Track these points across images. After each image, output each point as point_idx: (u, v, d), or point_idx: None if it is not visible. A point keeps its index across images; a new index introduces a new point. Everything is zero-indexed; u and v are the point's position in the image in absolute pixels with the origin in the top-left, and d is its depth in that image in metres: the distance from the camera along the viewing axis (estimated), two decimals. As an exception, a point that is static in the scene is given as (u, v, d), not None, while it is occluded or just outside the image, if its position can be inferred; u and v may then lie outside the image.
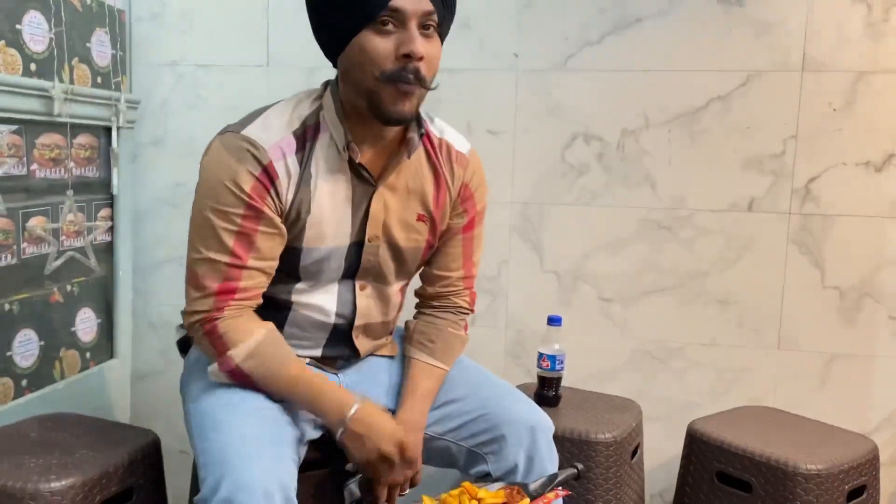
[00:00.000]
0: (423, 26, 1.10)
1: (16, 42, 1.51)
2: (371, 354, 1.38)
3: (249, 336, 1.14)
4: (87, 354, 1.82)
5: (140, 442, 1.32)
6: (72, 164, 1.70)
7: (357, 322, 1.28)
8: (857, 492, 1.50)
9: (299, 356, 1.24)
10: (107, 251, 1.87)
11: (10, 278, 1.55)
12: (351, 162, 1.18)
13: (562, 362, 1.66)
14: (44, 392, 1.64)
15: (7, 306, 1.54)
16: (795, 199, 1.79)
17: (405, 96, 1.11)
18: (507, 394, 1.32)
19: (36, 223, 1.60)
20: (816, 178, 1.78)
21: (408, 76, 1.09)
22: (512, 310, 1.94)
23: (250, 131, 1.14)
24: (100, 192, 1.82)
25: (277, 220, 1.15)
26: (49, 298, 1.67)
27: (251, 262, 1.14)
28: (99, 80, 1.77)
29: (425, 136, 1.24)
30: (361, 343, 1.32)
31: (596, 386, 1.87)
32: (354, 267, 1.24)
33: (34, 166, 1.59)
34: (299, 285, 1.23)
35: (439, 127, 1.29)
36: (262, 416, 1.14)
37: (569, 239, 1.90)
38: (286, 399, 1.17)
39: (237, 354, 1.13)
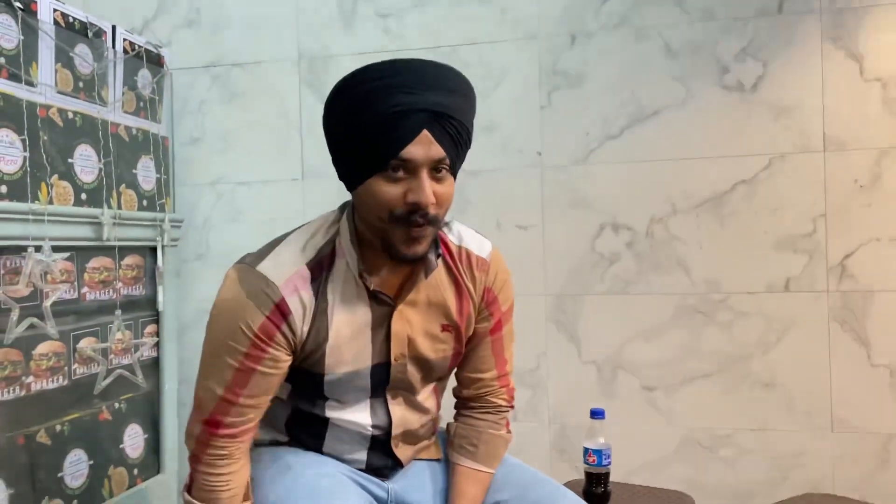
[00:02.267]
0: (435, 170, 1.09)
1: (68, 175, 1.61)
2: (416, 459, 1.38)
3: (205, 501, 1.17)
4: (135, 471, 1.83)
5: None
6: (119, 285, 1.77)
7: (395, 432, 1.28)
8: (933, 583, 1.41)
9: (345, 459, 1.26)
10: (153, 366, 1.92)
11: (61, 400, 1.59)
12: (369, 291, 1.19)
13: (608, 456, 1.62)
14: (93, 512, 1.66)
15: (59, 427, 1.58)
16: (832, 277, 1.78)
17: (416, 240, 1.11)
18: (555, 492, 1.30)
19: (86, 344, 1.66)
20: (851, 255, 1.77)
21: (417, 220, 1.09)
22: (553, 403, 1.93)
23: (264, 267, 1.15)
24: (146, 309, 1.89)
25: (284, 357, 1.16)
26: (98, 417, 1.71)
27: (242, 400, 1.15)
28: (144, 203, 1.87)
29: (443, 247, 1.23)
30: (402, 451, 1.31)
31: (645, 478, 1.82)
32: (384, 384, 1.24)
33: (84, 289, 1.66)
34: (331, 402, 1.24)
35: (457, 234, 1.28)
36: None
37: (605, 328, 1.90)
38: None
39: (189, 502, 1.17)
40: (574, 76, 1.91)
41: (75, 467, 1.62)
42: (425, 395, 1.32)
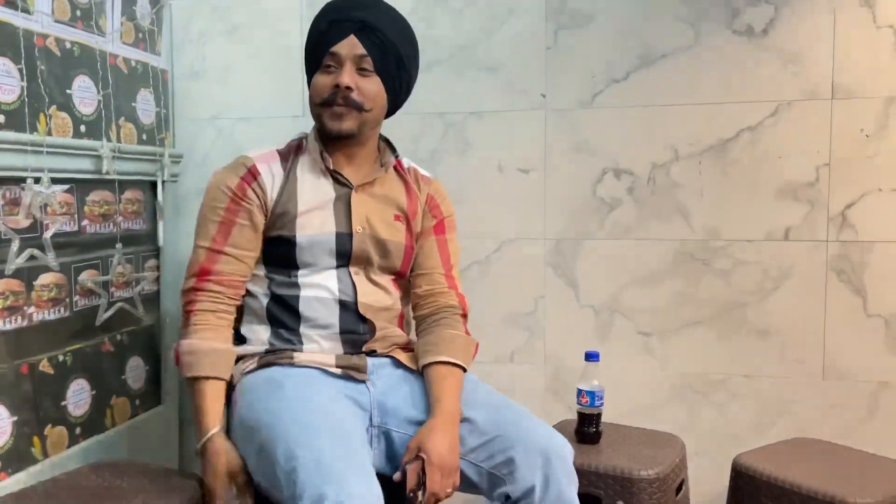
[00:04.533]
0: (360, 68, 1.39)
1: (66, 106, 1.59)
2: (398, 365, 1.44)
3: (202, 342, 1.37)
4: (136, 401, 1.87)
5: (191, 491, 1.35)
6: (120, 219, 1.78)
7: (361, 299, 1.43)
8: (912, 525, 1.45)
9: (322, 335, 1.41)
10: (153, 300, 1.94)
11: (63, 330, 1.61)
12: (330, 170, 1.43)
13: (601, 398, 1.65)
14: (96, 439, 1.69)
15: (61, 357, 1.61)
16: (832, 227, 1.78)
17: (339, 117, 1.39)
18: (523, 417, 1.34)
19: (87, 276, 1.67)
20: (852, 205, 1.76)
21: (339, 100, 1.38)
22: (550, 346, 1.95)
23: (244, 152, 1.46)
24: (147, 243, 1.89)
25: (257, 212, 1.41)
26: (100, 348, 1.74)
27: (227, 249, 1.40)
28: (144, 137, 1.86)
29: (397, 163, 1.51)
30: (372, 318, 1.44)
31: (637, 421, 1.85)
32: (347, 256, 1.44)
33: (85, 222, 1.67)
34: (302, 272, 1.43)
35: (407, 161, 1.56)
36: (344, 436, 1.22)
37: (604, 273, 1.91)
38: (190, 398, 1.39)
39: (187, 345, 1.37)
40: (582, 16, 1.88)
41: (78, 396, 1.65)
42: (385, 280, 1.49)
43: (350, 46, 1.38)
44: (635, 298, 1.90)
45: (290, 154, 1.46)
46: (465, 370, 1.41)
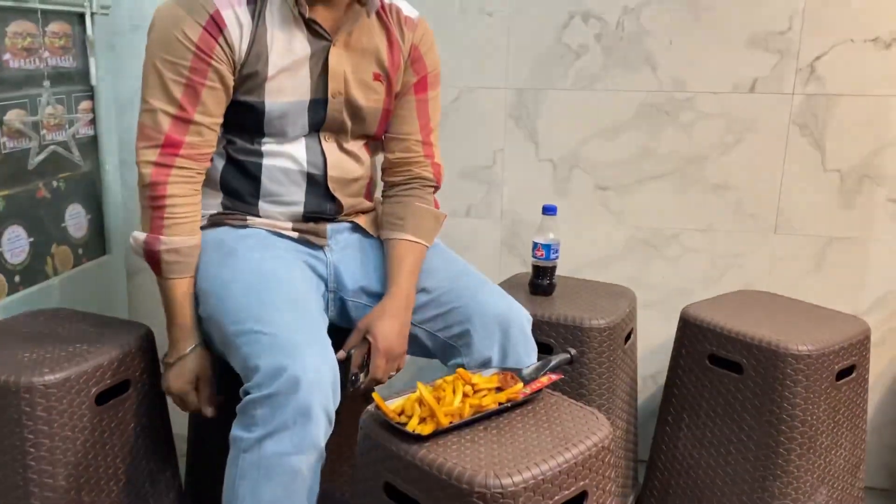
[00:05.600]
0: None
1: (-28, -81, 1.41)
2: (356, 228, 1.39)
3: (185, 234, 1.20)
4: (80, 251, 1.81)
5: (134, 335, 1.33)
6: (46, 54, 1.63)
7: (331, 172, 1.31)
8: (846, 371, 1.52)
9: (283, 214, 1.30)
10: (91, 145, 1.82)
11: (-8, 174, 1.51)
12: (305, 19, 1.22)
13: (556, 251, 1.65)
14: (38, 288, 1.64)
15: (-8, 203, 1.52)
16: (800, 79, 1.73)
17: None
18: (481, 286, 1.32)
19: (14, 116, 1.55)
20: (822, 56, 1.71)
21: None
22: (507, 200, 1.92)
23: None
24: (79, 83, 1.76)
25: (226, 72, 1.19)
26: (35, 194, 1.64)
27: (197, 117, 1.18)
28: (67, -39, 1.67)
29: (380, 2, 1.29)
30: (341, 196, 1.34)
31: (591, 274, 1.87)
32: (319, 123, 1.29)
33: (6, 56, 1.52)
34: (267, 140, 1.27)
35: None
36: (298, 306, 1.17)
37: (565, 126, 1.85)
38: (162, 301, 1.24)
39: (167, 243, 1.19)
40: None
41: (14, 243, 1.58)
42: (357, 147, 1.36)
43: None
44: (596, 152, 1.85)
45: None
46: (427, 247, 1.35)
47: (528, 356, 1.27)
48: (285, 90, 1.23)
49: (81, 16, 1.72)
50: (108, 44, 1.84)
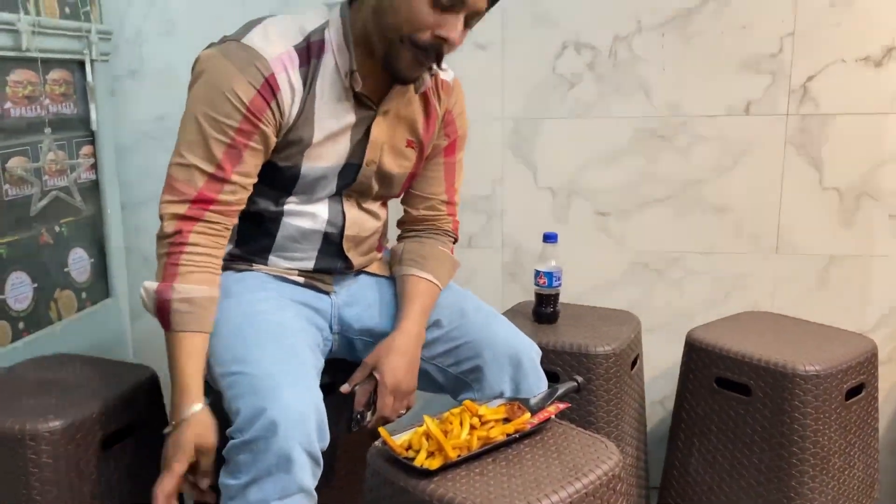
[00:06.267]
0: (469, 19, 1.13)
1: (-27, -27, 1.44)
2: (363, 272, 1.39)
3: (201, 284, 1.11)
4: (83, 295, 1.81)
5: (138, 378, 1.32)
6: (47, 101, 1.65)
7: (347, 232, 1.29)
8: (855, 390, 1.51)
9: (291, 268, 1.29)
10: (93, 190, 1.84)
11: (-5, 222, 1.52)
12: (355, 91, 1.19)
13: (559, 279, 1.65)
14: (42, 334, 1.64)
15: (-4, 250, 1.53)
16: (793, 100, 1.74)
17: (422, 66, 1.15)
18: (491, 320, 1.32)
19: (16, 164, 1.56)
20: (814, 77, 1.73)
21: (432, 54, 1.13)
22: (508, 229, 1.92)
23: (251, 40, 1.12)
24: (79, 129, 1.78)
25: (272, 135, 1.15)
26: (38, 240, 1.65)
27: (234, 177, 1.13)
28: (67, 10, 1.70)
29: None
30: (353, 255, 1.33)
31: (594, 300, 1.87)
32: (346, 186, 1.27)
33: (7, 105, 1.54)
34: (291, 199, 1.25)
35: None
36: (284, 346, 1.14)
37: (563, 153, 1.86)
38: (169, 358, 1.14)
39: (180, 291, 1.10)
40: None
41: (18, 290, 1.58)
42: (376, 206, 1.35)
43: None
44: (594, 178, 1.86)
45: (309, 57, 1.15)
46: (440, 291, 1.34)
47: (539, 389, 1.26)
48: (324, 156, 1.21)
49: (81, 63, 1.75)
50: (108, 89, 1.87)
